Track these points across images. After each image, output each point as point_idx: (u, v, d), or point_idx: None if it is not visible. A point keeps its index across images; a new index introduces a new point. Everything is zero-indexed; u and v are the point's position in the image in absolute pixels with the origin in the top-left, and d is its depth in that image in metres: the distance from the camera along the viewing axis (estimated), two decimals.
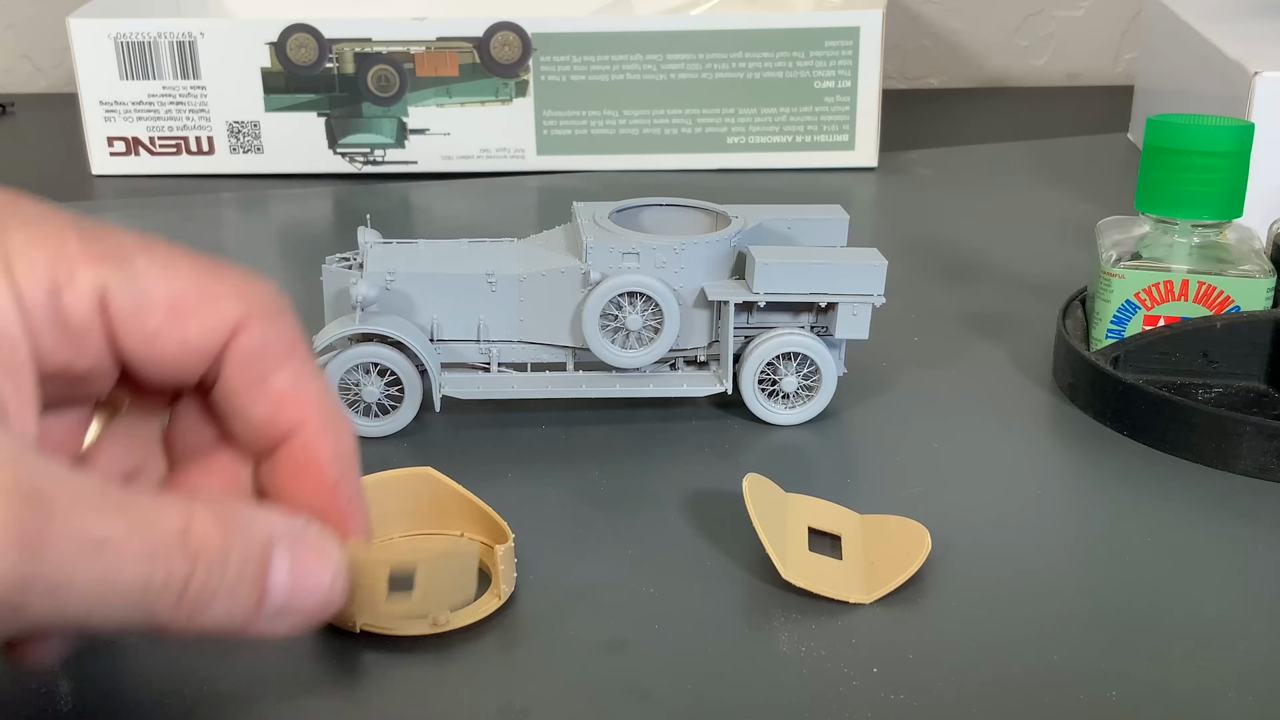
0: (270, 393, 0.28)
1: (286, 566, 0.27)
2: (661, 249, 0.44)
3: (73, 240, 0.26)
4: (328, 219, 0.69)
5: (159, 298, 0.27)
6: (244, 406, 0.28)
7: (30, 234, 0.26)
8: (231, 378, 0.28)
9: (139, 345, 0.27)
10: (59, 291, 0.26)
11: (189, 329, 0.27)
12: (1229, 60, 0.62)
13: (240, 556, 0.26)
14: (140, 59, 0.73)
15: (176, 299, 0.27)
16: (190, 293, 0.27)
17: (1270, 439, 0.41)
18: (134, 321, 0.27)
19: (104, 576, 0.24)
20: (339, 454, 0.29)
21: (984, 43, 1.01)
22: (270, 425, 0.29)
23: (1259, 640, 0.34)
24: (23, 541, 0.23)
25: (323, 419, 0.29)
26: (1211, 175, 0.44)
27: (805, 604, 0.35)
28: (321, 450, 0.29)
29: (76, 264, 0.26)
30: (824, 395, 0.45)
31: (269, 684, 0.32)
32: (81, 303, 0.26)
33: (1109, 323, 0.46)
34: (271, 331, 0.28)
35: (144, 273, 0.27)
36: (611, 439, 0.44)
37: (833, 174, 0.75)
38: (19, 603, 0.23)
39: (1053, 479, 0.42)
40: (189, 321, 0.27)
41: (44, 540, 0.23)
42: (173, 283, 0.27)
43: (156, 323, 0.27)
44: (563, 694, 0.32)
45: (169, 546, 0.25)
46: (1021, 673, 0.32)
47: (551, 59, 0.73)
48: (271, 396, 0.28)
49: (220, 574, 0.26)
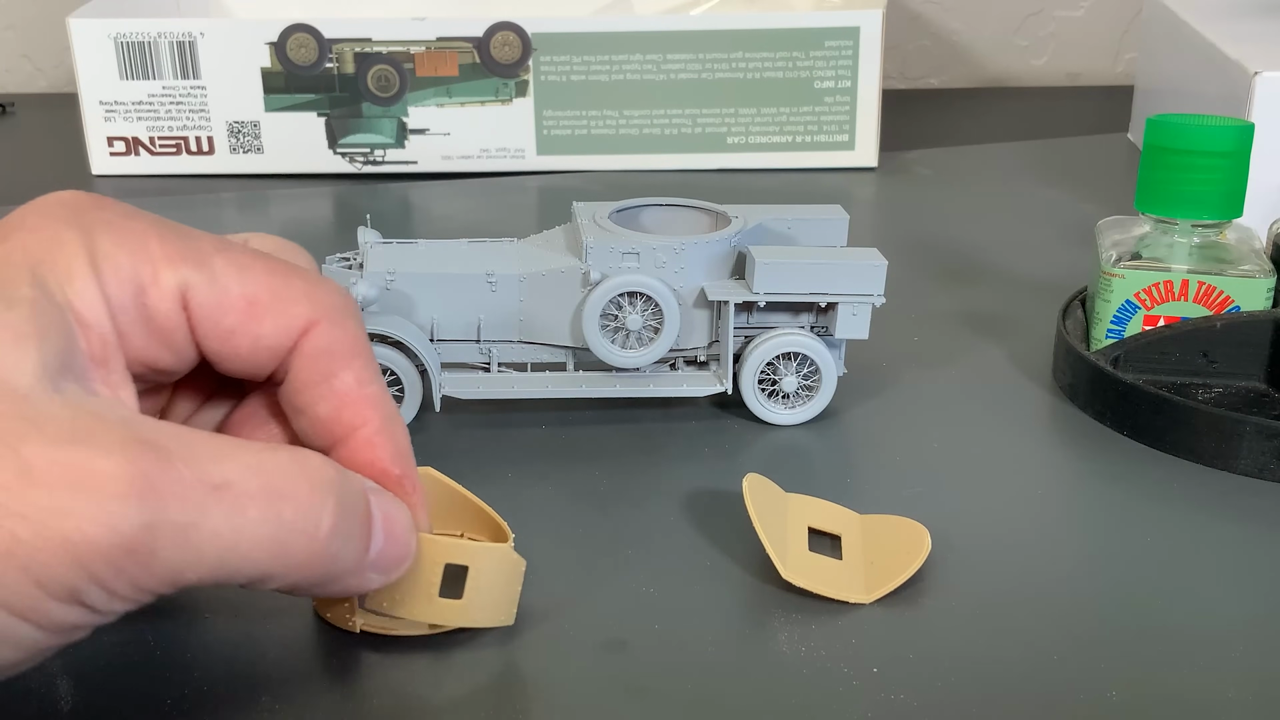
0: (335, 391, 0.29)
1: (380, 515, 0.28)
2: (661, 249, 0.44)
3: (154, 241, 0.28)
4: (328, 219, 0.69)
5: (236, 297, 0.28)
6: (310, 403, 0.29)
7: (115, 236, 0.27)
8: (299, 374, 0.29)
9: (216, 341, 0.28)
10: (144, 291, 0.27)
11: (263, 327, 0.28)
12: (1229, 60, 0.62)
13: (353, 499, 0.27)
14: (140, 59, 0.73)
15: (252, 298, 0.28)
16: (264, 293, 0.28)
17: (1270, 439, 0.41)
18: (212, 319, 0.28)
19: (230, 516, 0.25)
20: (399, 453, 0.30)
21: (984, 43, 1.01)
22: (334, 422, 0.29)
23: (1259, 640, 0.34)
24: (143, 488, 0.24)
25: (383, 419, 0.30)
26: (1211, 175, 0.44)
27: (805, 604, 0.35)
28: (383, 448, 0.30)
29: (159, 264, 0.27)
30: (824, 395, 0.45)
31: (269, 684, 0.32)
32: (165, 301, 0.28)
33: (1109, 323, 0.46)
34: (338, 333, 0.29)
35: (222, 273, 0.28)
36: (611, 439, 0.44)
37: (833, 174, 0.75)
38: (148, 551, 0.24)
39: (1053, 479, 0.42)
40: (263, 320, 0.28)
41: (164, 486, 0.24)
42: (248, 283, 0.28)
43: (233, 320, 0.28)
44: (563, 694, 0.32)
45: (293, 488, 0.26)
46: (1021, 673, 0.32)
47: (551, 59, 0.73)
48: (336, 395, 0.29)
49: (348, 519, 0.27)
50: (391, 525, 0.29)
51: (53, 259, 0.26)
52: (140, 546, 0.24)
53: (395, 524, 0.29)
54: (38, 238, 0.27)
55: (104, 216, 0.28)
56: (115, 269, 0.27)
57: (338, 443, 0.30)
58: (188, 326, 0.28)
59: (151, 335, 0.28)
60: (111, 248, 0.27)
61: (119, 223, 0.28)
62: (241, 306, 0.28)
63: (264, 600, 0.35)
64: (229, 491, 0.25)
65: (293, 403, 0.30)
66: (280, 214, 0.70)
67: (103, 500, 0.23)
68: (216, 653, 0.33)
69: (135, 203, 0.30)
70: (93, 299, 0.27)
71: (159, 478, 0.24)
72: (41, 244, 0.27)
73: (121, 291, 0.27)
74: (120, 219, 0.28)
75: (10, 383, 0.24)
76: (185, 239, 0.28)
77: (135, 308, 0.27)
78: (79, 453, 0.23)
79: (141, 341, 0.28)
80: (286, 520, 0.26)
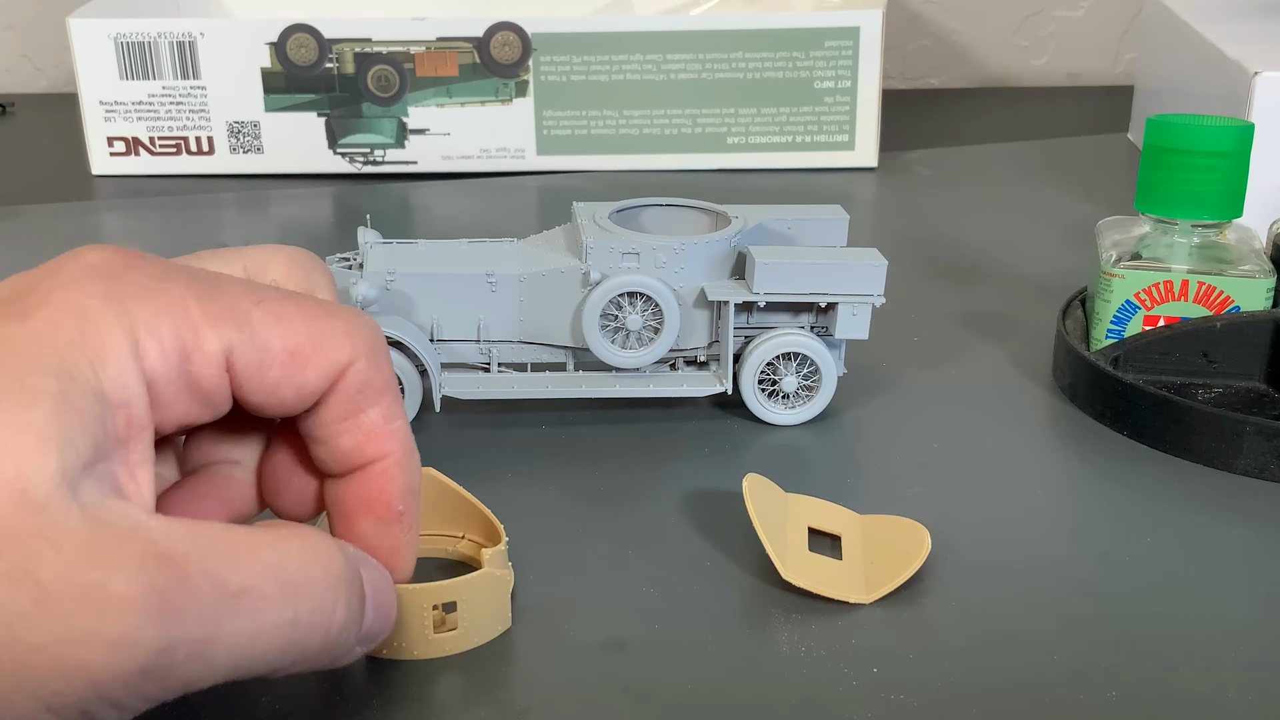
0: (360, 425, 0.29)
1: (370, 591, 0.28)
2: (661, 249, 0.44)
3: (193, 305, 0.27)
4: (328, 219, 0.69)
5: (278, 351, 0.28)
6: (333, 435, 0.29)
7: (153, 304, 0.26)
8: (330, 411, 0.29)
9: (260, 395, 0.28)
10: (188, 356, 0.27)
11: (306, 375, 0.28)
12: (1229, 60, 0.62)
13: (354, 579, 0.27)
14: (140, 59, 0.73)
15: (294, 350, 0.28)
16: (305, 342, 0.28)
17: (1270, 439, 0.41)
18: (256, 375, 0.28)
19: (247, 623, 0.25)
20: (408, 489, 0.30)
21: (984, 43, 1.01)
22: (355, 454, 0.29)
23: (1259, 640, 0.34)
24: (161, 609, 0.23)
25: (403, 453, 0.30)
26: (1211, 175, 0.44)
27: (805, 604, 0.35)
28: (394, 483, 0.30)
29: (201, 329, 0.27)
30: (824, 395, 0.45)
31: (269, 685, 0.32)
32: (210, 367, 0.27)
33: (1109, 323, 0.46)
34: (372, 370, 0.29)
35: (262, 327, 0.28)
36: (611, 439, 0.44)
37: (833, 174, 0.75)
38: (164, 670, 0.24)
39: (1053, 479, 0.42)
40: (306, 369, 0.28)
41: (181, 604, 0.24)
42: (289, 334, 0.28)
43: (277, 374, 0.28)
44: (562, 694, 0.32)
45: (309, 580, 0.26)
46: (1021, 673, 0.32)
47: (551, 59, 0.73)
48: (362, 429, 0.29)
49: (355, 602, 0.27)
50: (379, 599, 0.29)
51: (84, 339, 0.25)
52: (156, 668, 0.24)
53: (382, 596, 0.29)
54: (67, 314, 0.25)
55: (137, 281, 0.26)
56: (158, 341, 0.26)
57: (353, 471, 0.30)
58: (229, 385, 0.28)
59: (193, 399, 0.27)
60: (150, 317, 0.26)
61: (154, 287, 0.27)
62: (284, 359, 0.28)
63: None
64: (246, 598, 0.25)
65: (315, 434, 0.30)
66: (280, 214, 0.70)
67: (119, 626, 0.23)
68: None
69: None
70: (125, 379, 0.26)
71: (176, 595, 0.24)
72: (71, 322, 0.25)
73: (165, 363, 0.26)
74: (154, 283, 0.27)
75: (30, 493, 0.23)
76: (222, 295, 0.28)
77: (180, 376, 0.27)
78: (95, 574, 0.23)
79: (183, 406, 0.27)
80: (302, 619, 0.26)
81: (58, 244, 0.65)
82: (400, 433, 0.30)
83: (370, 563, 0.29)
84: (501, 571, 0.33)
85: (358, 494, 0.30)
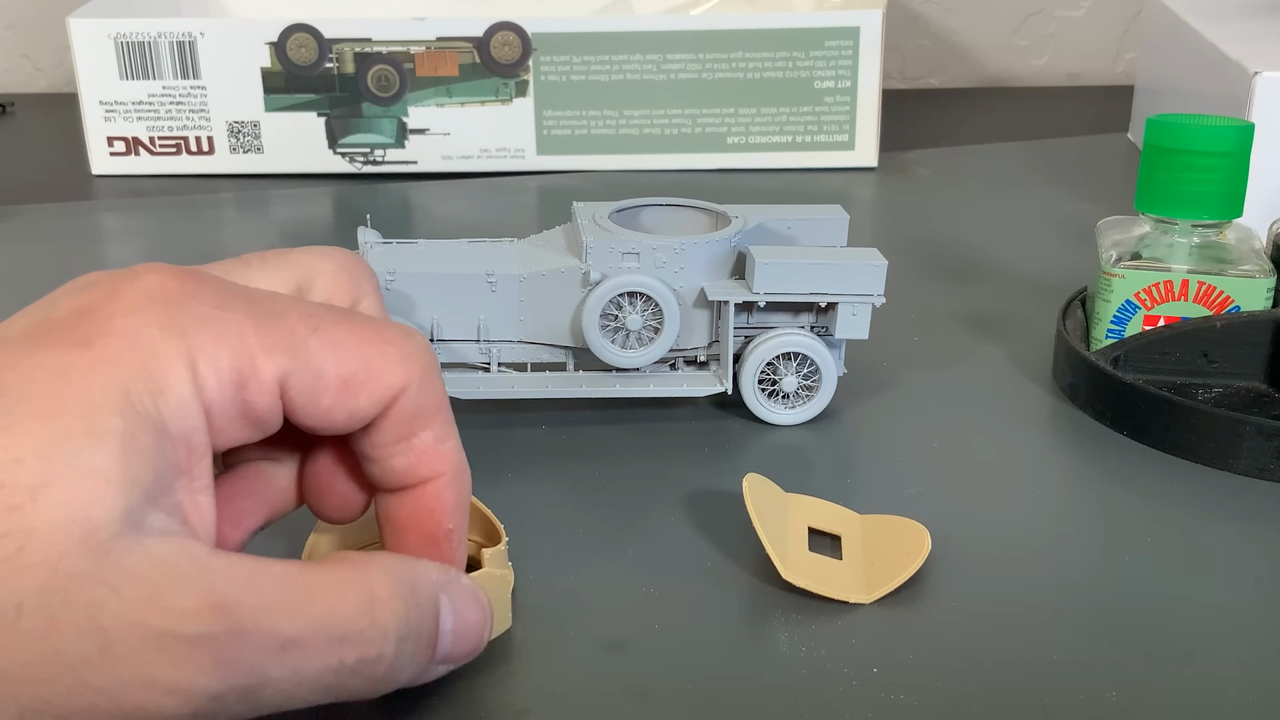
0: (413, 447, 0.30)
1: (451, 617, 0.29)
2: (661, 249, 0.44)
3: (251, 333, 0.27)
4: (328, 219, 0.69)
5: (332, 379, 0.28)
6: (386, 456, 0.30)
7: (213, 332, 0.27)
8: (383, 433, 0.29)
9: (313, 419, 0.28)
10: (244, 385, 0.27)
11: (359, 402, 0.28)
12: (1229, 60, 0.62)
13: (419, 620, 0.28)
14: (140, 59, 0.73)
15: (349, 378, 0.28)
16: (359, 369, 0.28)
17: (1270, 439, 0.41)
18: (311, 402, 0.28)
19: (295, 671, 0.26)
20: (458, 507, 0.30)
21: (984, 43, 1.01)
22: (407, 474, 0.30)
23: (1259, 640, 0.34)
24: (215, 658, 0.24)
25: (455, 473, 0.30)
26: (1211, 175, 0.44)
27: (805, 604, 0.35)
28: (445, 501, 0.30)
29: (258, 357, 0.27)
30: (824, 395, 0.45)
31: None
32: (265, 395, 0.27)
33: (1109, 323, 0.46)
34: (425, 394, 0.29)
35: (317, 356, 0.28)
36: (611, 439, 0.44)
37: (833, 174, 0.75)
38: (214, 711, 0.25)
39: (1053, 479, 0.42)
40: (359, 396, 0.28)
41: (235, 652, 0.24)
42: (344, 362, 0.28)
43: (330, 400, 0.28)
44: (563, 694, 0.32)
45: (357, 631, 0.26)
46: (1021, 673, 0.32)
47: (551, 59, 0.73)
48: (414, 450, 0.30)
49: (410, 643, 0.28)
50: (463, 624, 0.29)
51: (146, 370, 0.26)
52: (206, 712, 0.24)
53: (466, 622, 0.29)
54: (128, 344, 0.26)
55: (198, 311, 0.27)
56: (216, 370, 0.26)
57: (405, 489, 0.30)
58: (282, 410, 0.28)
59: (247, 423, 0.28)
60: (210, 347, 0.26)
61: (214, 316, 0.27)
62: (338, 386, 0.28)
63: None
64: (294, 649, 0.25)
65: (368, 453, 0.30)
66: (280, 214, 0.70)
67: (176, 674, 0.24)
68: None
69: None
70: (186, 411, 0.26)
71: (231, 646, 0.24)
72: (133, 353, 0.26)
73: (222, 393, 0.27)
74: (215, 311, 0.27)
75: (95, 535, 0.24)
76: (278, 323, 0.28)
77: (235, 404, 0.27)
78: (156, 621, 0.24)
79: (236, 432, 0.28)
80: (347, 665, 0.26)
81: (58, 244, 0.65)
82: (452, 453, 0.30)
83: (461, 589, 0.29)
84: (502, 571, 0.33)
85: (410, 511, 0.30)
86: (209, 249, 0.64)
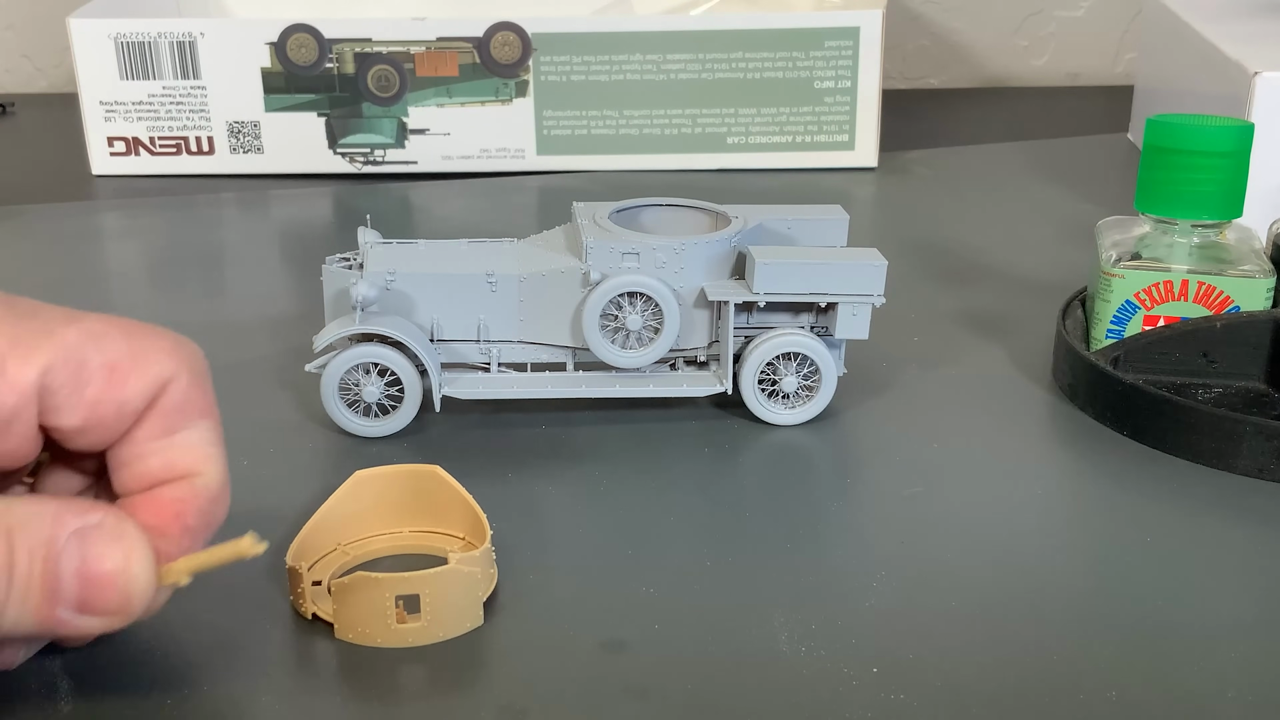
0: (176, 444, 0.29)
1: (76, 564, 0.27)
2: (661, 249, 0.44)
3: (3, 333, 0.27)
4: (328, 219, 0.69)
5: (97, 366, 0.28)
6: (146, 455, 0.29)
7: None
8: (145, 427, 0.28)
9: (78, 416, 0.28)
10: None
11: (127, 390, 0.28)
12: (1229, 60, 0.62)
13: (25, 558, 0.27)
14: (140, 59, 0.73)
15: (113, 364, 0.28)
16: (124, 357, 0.28)
17: (1270, 439, 0.41)
18: (75, 394, 0.27)
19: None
20: (206, 511, 0.29)
21: (984, 43, 1.01)
22: (165, 470, 0.29)
23: (1259, 640, 0.34)
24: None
25: (212, 478, 0.29)
26: (1211, 175, 0.44)
27: (805, 604, 0.35)
28: (198, 498, 0.29)
29: (5, 357, 0.27)
30: (824, 395, 0.45)
31: (269, 684, 0.32)
32: (11, 396, 0.27)
33: (1109, 323, 0.46)
34: (195, 390, 0.29)
35: (77, 347, 0.27)
36: (611, 439, 0.44)
37: (833, 174, 0.75)
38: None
39: (1053, 479, 0.42)
40: (127, 383, 0.28)
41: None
42: (107, 350, 0.28)
43: (96, 390, 0.28)
44: (562, 694, 0.32)
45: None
46: (1021, 672, 0.32)
47: (551, 59, 0.73)
48: (177, 447, 0.29)
49: (7, 578, 0.26)
50: (94, 568, 0.27)
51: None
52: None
53: (99, 566, 0.27)
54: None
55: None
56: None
57: (153, 488, 0.29)
58: (39, 409, 0.27)
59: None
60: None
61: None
62: (104, 375, 0.28)
63: (264, 602, 0.35)
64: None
65: (123, 458, 0.29)
66: (280, 214, 0.70)
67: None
68: (216, 653, 0.33)
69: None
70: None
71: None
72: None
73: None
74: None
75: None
76: (30, 320, 0.27)
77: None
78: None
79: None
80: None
81: (58, 244, 0.65)
82: (215, 459, 0.29)
83: (96, 529, 0.27)
84: (469, 569, 0.33)
85: (154, 508, 0.29)
86: (209, 249, 0.64)
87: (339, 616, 0.33)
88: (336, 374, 0.43)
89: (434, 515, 0.37)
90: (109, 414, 0.28)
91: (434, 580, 0.33)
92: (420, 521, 0.38)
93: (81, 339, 0.28)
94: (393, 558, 0.37)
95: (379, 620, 0.33)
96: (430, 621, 0.33)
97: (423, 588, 0.33)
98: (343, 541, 0.37)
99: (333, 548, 0.37)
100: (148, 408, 0.28)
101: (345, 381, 0.44)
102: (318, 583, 0.35)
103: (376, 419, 0.44)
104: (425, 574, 0.33)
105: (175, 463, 0.29)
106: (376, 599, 0.32)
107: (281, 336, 0.52)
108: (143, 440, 0.29)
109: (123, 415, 0.28)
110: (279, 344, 0.52)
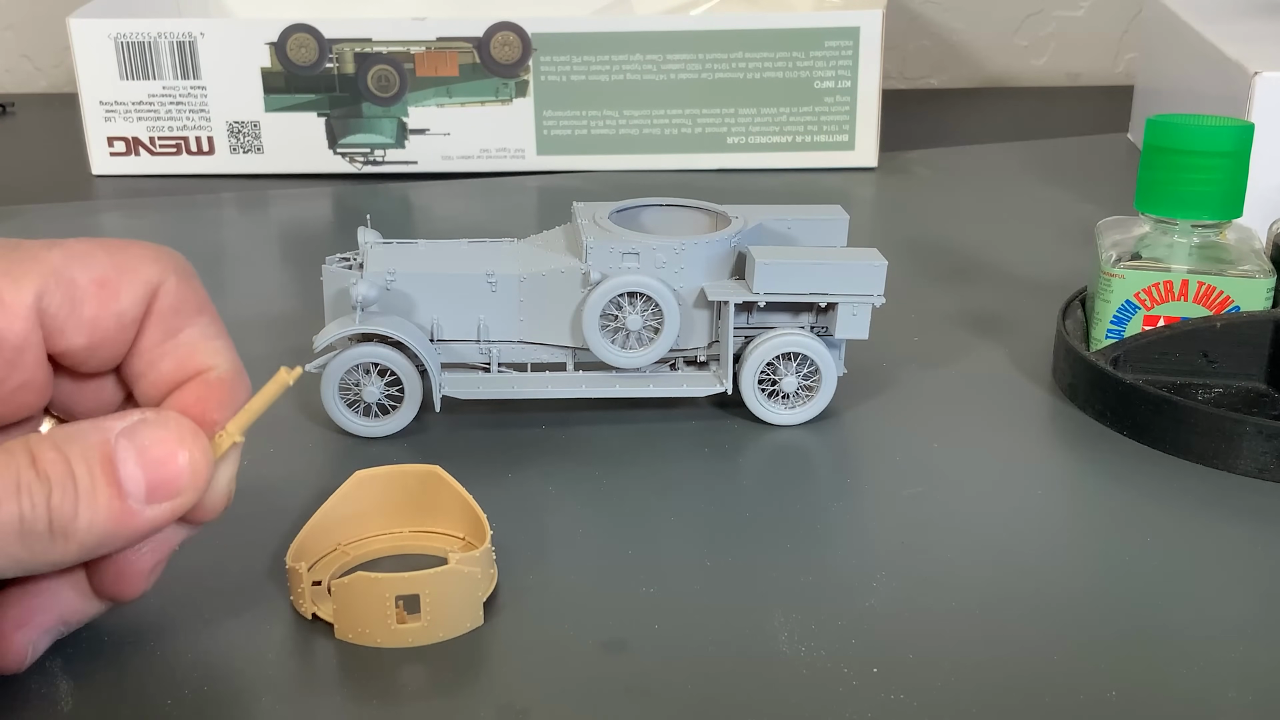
0: (182, 343, 0.30)
1: (133, 454, 0.28)
2: (661, 249, 0.44)
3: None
4: (328, 219, 0.69)
5: (86, 284, 0.29)
6: (157, 361, 0.30)
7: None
8: (148, 335, 0.30)
9: (80, 334, 0.29)
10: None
11: (121, 301, 0.29)
12: (1229, 60, 0.62)
13: (83, 463, 0.28)
14: (140, 59, 0.73)
15: (101, 279, 0.29)
16: (110, 271, 0.29)
17: (1270, 439, 0.41)
18: (72, 315, 0.29)
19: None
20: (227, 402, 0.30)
21: (984, 43, 1.01)
22: (179, 370, 0.30)
23: (1259, 640, 0.34)
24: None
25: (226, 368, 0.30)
26: (1211, 175, 0.44)
27: (805, 604, 0.35)
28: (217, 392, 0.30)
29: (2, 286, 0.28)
30: (824, 395, 0.45)
31: (269, 684, 0.32)
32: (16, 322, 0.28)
33: (1109, 323, 0.46)
34: (186, 289, 0.30)
35: (64, 267, 0.28)
36: (611, 439, 0.44)
37: (833, 174, 0.75)
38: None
39: (1053, 479, 0.42)
40: (119, 294, 0.29)
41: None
42: (92, 267, 0.29)
43: (92, 307, 0.29)
44: (562, 694, 0.32)
45: (27, 479, 0.27)
46: (1021, 673, 0.32)
47: (551, 59, 0.73)
48: (184, 347, 0.30)
49: (71, 485, 0.27)
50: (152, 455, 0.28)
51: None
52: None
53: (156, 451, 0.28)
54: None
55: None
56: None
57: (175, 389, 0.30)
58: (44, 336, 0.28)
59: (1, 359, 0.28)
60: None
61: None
62: (95, 291, 0.29)
63: (265, 601, 0.35)
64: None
65: (137, 369, 0.30)
66: (280, 214, 0.70)
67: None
68: (216, 653, 0.33)
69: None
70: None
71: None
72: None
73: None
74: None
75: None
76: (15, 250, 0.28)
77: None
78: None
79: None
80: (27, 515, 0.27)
81: None
82: (223, 350, 0.30)
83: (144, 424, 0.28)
84: (469, 569, 0.33)
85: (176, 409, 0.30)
86: (209, 249, 0.64)
87: (339, 617, 0.33)
88: (336, 374, 0.43)
89: (434, 515, 0.37)
90: (110, 328, 0.29)
91: (434, 580, 0.33)
92: (420, 521, 0.38)
93: (66, 259, 0.29)
94: (393, 558, 0.37)
95: (379, 620, 0.33)
96: (430, 622, 0.33)
97: (423, 588, 0.33)
98: (343, 542, 0.37)
99: (333, 548, 0.37)
100: (145, 315, 0.29)
101: (345, 381, 0.44)
102: (318, 583, 0.35)
103: (376, 419, 0.44)
104: (425, 574, 0.33)
105: (185, 361, 0.30)
106: (376, 599, 0.33)
107: (281, 336, 0.52)
108: (149, 348, 0.30)
109: (124, 326, 0.29)
110: (279, 344, 0.52)
